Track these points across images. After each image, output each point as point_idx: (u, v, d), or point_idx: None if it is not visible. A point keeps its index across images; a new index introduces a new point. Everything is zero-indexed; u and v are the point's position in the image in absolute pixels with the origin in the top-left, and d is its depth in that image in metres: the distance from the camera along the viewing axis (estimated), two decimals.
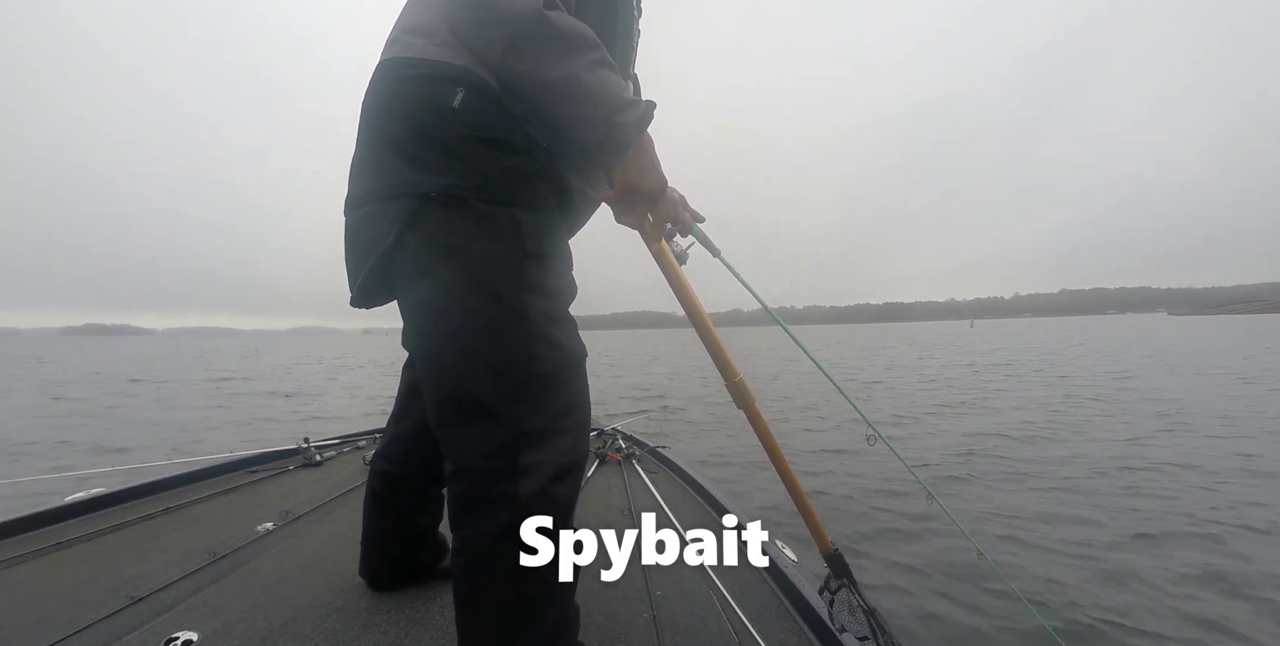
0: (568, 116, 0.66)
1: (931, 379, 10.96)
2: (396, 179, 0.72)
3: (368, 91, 0.78)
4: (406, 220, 0.71)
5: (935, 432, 5.65)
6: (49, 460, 5.08)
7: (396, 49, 0.76)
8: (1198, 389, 8.47)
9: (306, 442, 2.25)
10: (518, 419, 0.72)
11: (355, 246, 0.79)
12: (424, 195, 0.70)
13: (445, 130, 0.70)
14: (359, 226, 0.78)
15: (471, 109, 0.70)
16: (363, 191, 0.77)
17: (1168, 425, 5.73)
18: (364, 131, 0.78)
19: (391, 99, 0.74)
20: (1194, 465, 4.15)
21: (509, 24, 0.66)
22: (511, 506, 0.71)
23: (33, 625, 0.99)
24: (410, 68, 0.73)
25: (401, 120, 0.73)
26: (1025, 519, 3.07)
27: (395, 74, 0.74)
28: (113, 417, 7.84)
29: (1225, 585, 2.30)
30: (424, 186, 0.70)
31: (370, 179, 0.76)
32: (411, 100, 0.72)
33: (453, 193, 0.70)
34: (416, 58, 0.73)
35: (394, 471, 1.07)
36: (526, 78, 0.66)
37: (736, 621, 1.07)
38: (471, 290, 0.72)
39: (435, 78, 0.71)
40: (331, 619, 1.03)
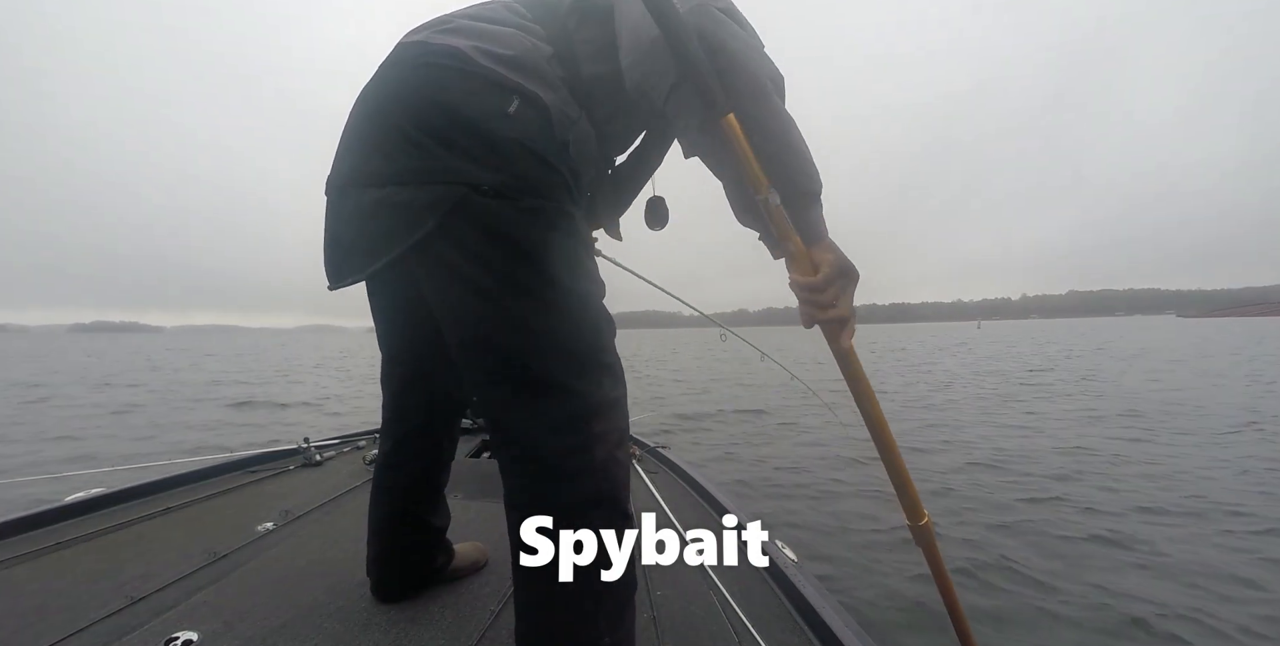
0: (789, 151, 0.69)
1: (980, 396, 8.63)
2: (437, 165, 0.69)
3: (399, 67, 0.74)
4: (450, 207, 0.68)
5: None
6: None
7: (465, 39, 0.72)
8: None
9: (306, 442, 2.25)
10: (588, 392, 0.74)
11: (366, 227, 0.74)
12: (473, 186, 0.68)
13: (497, 130, 0.69)
14: (374, 207, 0.72)
15: (524, 118, 0.70)
16: (379, 171, 0.72)
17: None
18: (385, 108, 0.72)
19: (437, 88, 0.70)
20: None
21: (769, 72, 0.69)
22: (591, 474, 0.73)
23: (33, 625, 0.99)
24: (475, 65, 0.70)
25: (447, 109, 0.69)
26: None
27: (457, 66, 0.70)
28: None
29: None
30: (472, 177, 0.68)
31: (394, 159, 0.71)
32: (466, 94, 0.69)
33: (502, 188, 0.69)
34: (490, 52, 0.71)
35: (403, 479, 1.06)
36: (774, 117, 0.69)
37: (736, 621, 1.07)
38: (532, 273, 0.72)
39: (496, 83, 0.70)
40: (332, 619, 1.03)
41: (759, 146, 0.69)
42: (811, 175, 0.71)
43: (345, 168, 0.77)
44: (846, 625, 1.02)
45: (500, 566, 1.28)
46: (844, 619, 1.04)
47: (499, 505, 1.85)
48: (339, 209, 0.77)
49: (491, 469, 2.14)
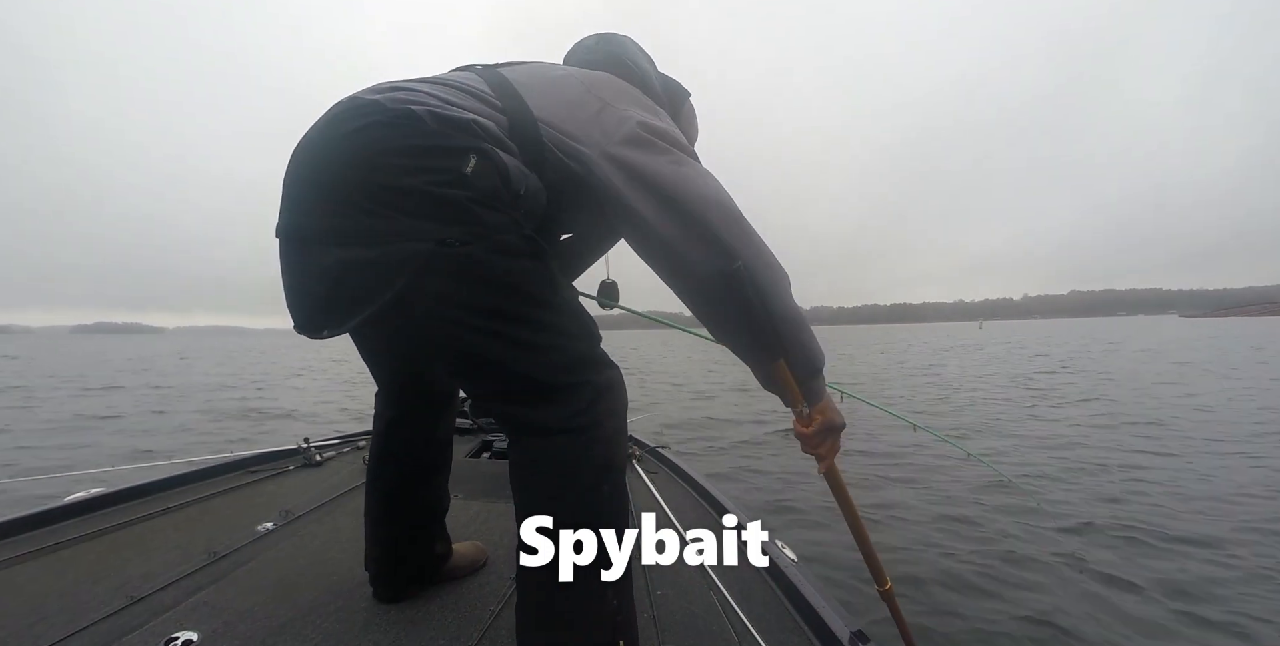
0: (800, 345, 0.83)
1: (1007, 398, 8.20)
2: (398, 226, 0.69)
3: (353, 123, 0.72)
4: (420, 264, 0.69)
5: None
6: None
7: (421, 105, 0.73)
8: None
9: (306, 442, 2.24)
10: (591, 382, 0.79)
11: (336, 286, 0.74)
12: (439, 240, 0.69)
13: (455, 194, 0.70)
14: (342, 267, 0.72)
15: (481, 175, 0.71)
16: (341, 229, 0.72)
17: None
18: (341, 167, 0.71)
19: (395, 152, 0.70)
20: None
21: (782, 270, 0.81)
22: (604, 444, 0.78)
23: (33, 625, 0.99)
24: (430, 129, 0.71)
25: (403, 173, 0.69)
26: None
27: (413, 128, 0.71)
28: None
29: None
30: (436, 234, 0.69)
31: (355, 219, 0.71)
32: (423, 158, 0.70)
33: (467, 236, 0.70)
34: (445, 115, 0.72)
35: (397, 466, 1.07)
36: (772, 289, 0.79)
37: (736, 621, 1.07)
38: (518, 301, 0.76)
39: (452, 145, 0.71)
40: (332, 619, 1.03)
41: (790, 354, 0.84)
42: (817, 356, 0.85)
43: (303, 222, 0.76)
44: (847, 625, 1.02)
45: (500, 566, 1.28)
46: (844, 619, 1.04)
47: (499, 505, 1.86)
48: (302, 263, 0.77)
49: (491, 469, 2.14)
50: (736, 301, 0.78)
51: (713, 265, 0.77)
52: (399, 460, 1.08)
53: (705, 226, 0.76)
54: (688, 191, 0.77)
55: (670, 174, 0.77)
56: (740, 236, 0.77)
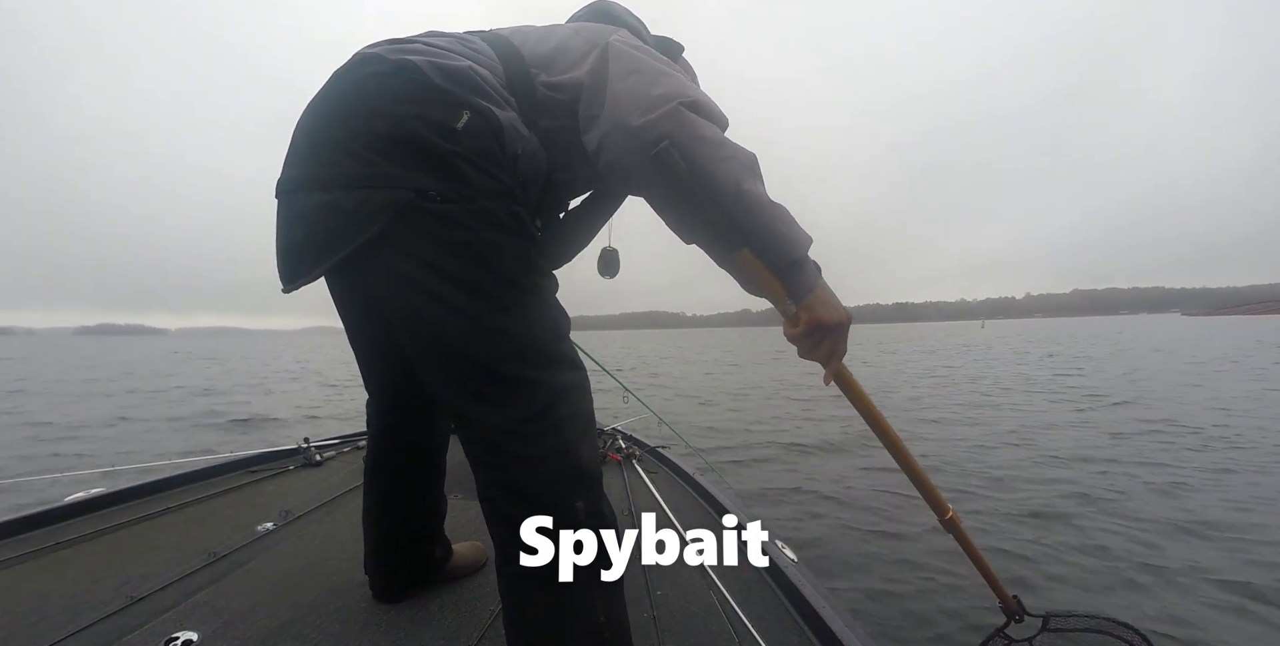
0: (761, 225, 0.73)
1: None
2: (382, 171, 0.69)
3: (351, 76, 0.74)
4: (399, 210, 0.68)
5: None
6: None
7: (420, 56, 0.73)
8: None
9: (306, 442, 2.25)
10: (550, 381, 0.76)
11: (314, 230, 0.73)
12: (420, 191, 0.68)
13: (444, 145, 0.69)
14: (321, 210, 0.71)
15: (474, 132, 0.70)
16: (325, 175, 0.72)
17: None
18: (335, 114, 0.73)
19: (389, 98, 0.71)
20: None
21: (741, 153, 0.73)
22: (562, 455, 0.75)
23: (33, 625, 0.99)
24: (426, 80, 0.71)
25: (396, 121, 0.69)
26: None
27: (410, 78, 0.71)
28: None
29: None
30: (419, 183, 0.68)
31: (340, 165, 0.71)
32: (417, 106, 0.70)
33: (449, 193, 0.69)
34: (443, 64, 0.73)
35: (393, 469, 1.06)
36: (711, 166, 0.71)
37: (736, 621, 1.07)
38: (488, 275, 0.73)
39: (447, 97, 0.71)
40: (331, 619, 1.03)
41: (752, 241, 0.74)
42: (790, 241, 0.74)
43: (295, 172, 0.76)
44: (847, 625, 1.02)
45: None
46: (844, 619, 1.04)
47: None
48: (288, 212, 0.76)
49: None
50: (671, 185, 0.72)
51: (639, 150, 0.71)
52: (395, 463, 1.07)
53: (635, 106, 0.71)
54: (629, 76, 0.74)
55: (625, 66, 0.74)
56: (670, 113, 0.70)
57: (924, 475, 1.00)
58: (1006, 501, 3.50)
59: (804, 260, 0.76)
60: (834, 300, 0.77)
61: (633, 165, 0.73)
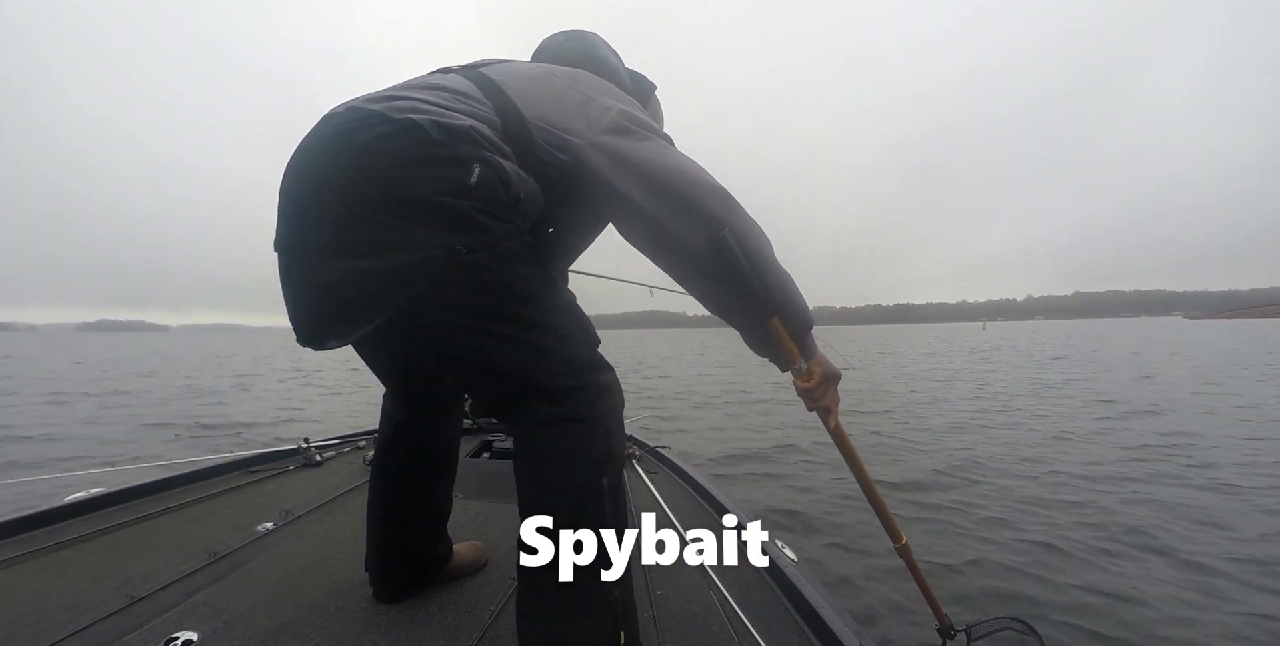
0: (791, 301, 0.87)
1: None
2: (410, 235, 0.72)
3: (357, 136, 0.73)
4: (433, 271, 0.72)
5: None
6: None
7: (422, 114, 0.74)
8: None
9: (306, 442, 2.25)
10: (591, 384, 0.82)
11: (344, 296, 0.76)
12: (450, 247, 0.72)
13: (462, 204, 0.72)
14: (350, 277, 0.74)
15: (485, 185, 0.74)
16: (349, 241, 0.73)
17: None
18: (346, 180, 0.73)
19: (404, 164, 0.72)
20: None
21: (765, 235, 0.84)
22: (603, 437, 0.81)
23: (33, 625, 0.99)
24: (434, 139, 0.73)
25: (413, 186, 0.71)
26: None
27: (419, 139, 0.72)
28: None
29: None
30: (448, 241, 0.72)
31: (363, 231, 0.72)
32: (431, 168, 0.72)
33: (476, 244, 0.73)
34: (447, 124, 0.74)
35: (401, 464, 1.08)
36: (759, 252, 0.83)
37: (736, 621, 1.07)
38: (526, 306, 0.79)
39: (456, 156, 0.73)
40: (332, 619, 1.03)
41: (783, 311, 0.88)
42: (808, 312, 0.89)
43: (310, 236, 0.76)
44: (846, 625, 1.02)
45: (500, 566, 1.28)
46: (844, 619, 1.04)
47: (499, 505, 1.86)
48: (308, 276, 0.78)
49: (491, 468, 2.14)
50: (727, 266, 0.81)
51: (702, 235, 0.81)
52: (404, 462, 1.08)
53: (691, 201, 0.80)
54: (671, 171, 0.80)
55: (653, 157, 0.81)
56: (723, 205, 0.81)
57: (885, 505, 1.15)
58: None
59: (812, 325, 0.90)
60: (827, 362, 0.94)
61: (688, 240, 0.81)
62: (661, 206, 0.80)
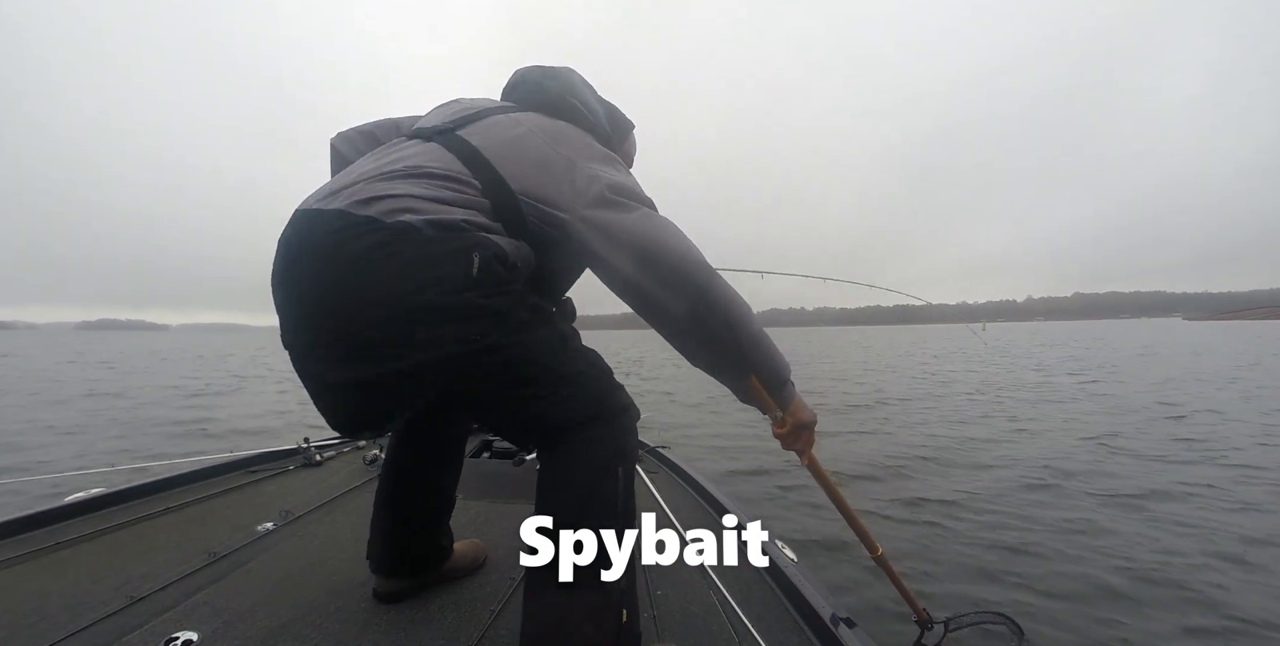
0: (766, 362, 0.92)
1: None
2: (428, 335, 0.74)
3: (357, 247, 0.73)
4: (455, 365, 0.76)
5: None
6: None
7: (415, 214, 0.75)
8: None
9: (306, 443, 2.25)
10: (613, 409, 0.88)
11: (371, 399, 0.78)
12: (465, 339, 0.76)
13: (470, 298, 0.75)
14: (377, 382, 0.76)
15: (487, 270, 0.77)
16: (370, 351, 0.74)
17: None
18: (355, 291, 0.73)
19: (413, 272, 0.73)
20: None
21: (745, 303, 0.88)
22: (617, 442, 0.86)
23: (33, 625, 0.99)
24: (427, 236, 0.75)
25: (420, 292, 0.73)
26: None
27: (417, 242, 0.74)
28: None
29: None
30: (463, 334, 0.75)
31: (382, 343, 0.74)
32: (433, 269, 0.74)
33: (489, 328, 0.77)
34: (439, 221, 0.76)
35: (417, 455, 1.11)
36: (737, 320, 0.87)
37: (736, 621, 1.07)
38: (546, 364, 0.84)
39: (454, 249, 0.76)
40: (331, 619, 1.03)
41: (758, 371, 0.94)
42: (783, 369, 0.94)
43: (314, 344, 0.79)
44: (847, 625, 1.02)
45: (500, 566, 1.28)
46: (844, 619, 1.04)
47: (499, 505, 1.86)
48: (328, 382, 0.79)
49: (491, 468, 2.14)
50: (706, 333, 0.88)
51: (683, 305, 0.85)
52: (418, 448, 1.11)
53: (674, 276, 0.83)
54: (656, 247, 0.83)
55: (640, 231, 0.83)
56: (704, 278, 0.84)
57: (860, 520, 1.25)
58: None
59: (785, 376, 0.96)
60: (806, 408, 1.00)
61: (672, 309, 0.86)
62: (646, 278, 0.83)
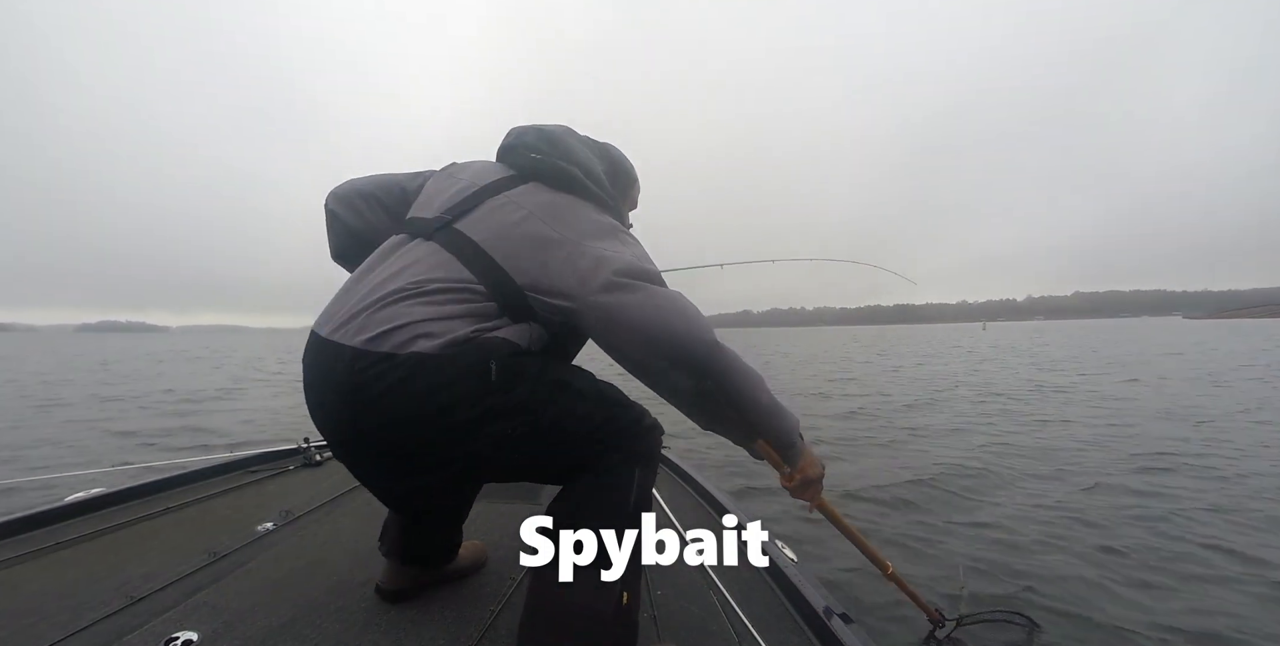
0: (775, 430, 0.95)
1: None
2: (464, 441, 0.79)
3: (381, 385, 0.76)
4: (488, 457, 0.82)
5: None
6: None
7: (428, 340, 0.77)
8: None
9: (306, 442, 2.25)
10: (639, 419, 0.92)
11: (421, 496, 0.93)
12: (497, 436, 0.80)
13: (494, 402, 0.78)
14: (421, 488, 0.89)
15: (507, 371, 0.79)
16: (412, 465, 0.83)
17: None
18: (387, 424, 0.78)
19: (435, 397, 0.76)
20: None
21: (755, 374, 0.90)
22: (637, 453, 0.90)
23: (33, 625, 0.99)
24: (444, 362, 0.76)
25: (448, 410, 0.77)
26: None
27: (435, 369, 0.76)
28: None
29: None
30: (495, 431, 0.79)
31: (422, 456, 0.81)
32: (455, 390, 0.76)
33: (519, 421, 0.80)
34: (451, 340, 0.78)
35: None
36: (741, 396, 0.89)
37: (736, 621, 1.07)
38: (566, 433, 0.85)
39: (471, 365, 0.77)
40: (332, 619, 1.03)
41: (766, 435, 0.97)
42: (790, 432, 0.96)
43: (357, 460, 0.89)
44: (846, 625, 1.02)
45: (500, 566, 1.28)
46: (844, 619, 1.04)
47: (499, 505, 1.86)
48: (373, 484, 0.94)
49: None
50: (712, 407, 0.92)
51: (690, 382, 0.87)
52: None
53: (680, 357, 0.83)
54: (663, 330, 0.82)
55: (646, 315, 0.81)
56: (711, 360, 0.84)
57: (868, 544, 1.30)
58: None
59: (793, 437, 0.97)
60: (814, 461, 1.03)
61: (680, 387, 0.88)
62: (653, 360, 0.83)
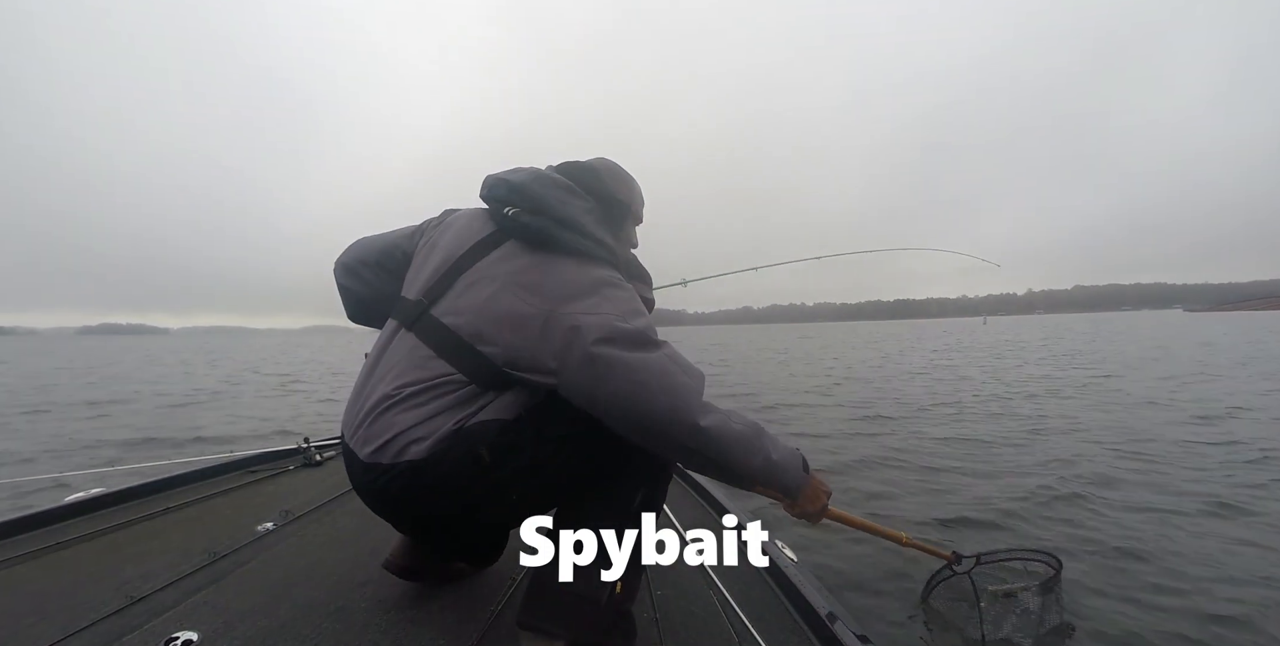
0: (778, 483, 0.91)
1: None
2: (484, 515, 0.89)
3: (386, 495, 0.85)
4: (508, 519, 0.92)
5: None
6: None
7: (420, 443, 0.80)
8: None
9: (306, 443, 2.25)
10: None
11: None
12: (511, 505, 0.87)
13: (489, 480, 0.81)
14: (440, 547, 1.09)
15: (498, 452, 0.81)
16: (429, 540, 1.05)
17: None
18: (400, 522, 0.97)
19: (436, 500, 0.84)
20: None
21: (748, 430, 0.85)
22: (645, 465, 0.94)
23: (33, 625, 0.99)
24: (435, 464, 0.80)
25: (448, 506, 0.85)
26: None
27: (430, 480, 0.80)
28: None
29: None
30: (501, 517, 0.93)
31: (433, 540, 1.04)
32: (452, 488, 0.82)
33: (525, 488, 0.86)
34: (439, 438, 0.80)
35: None
36: (732, 460, 0.83)
37: (736, 621, 1.07)
38: (571, 478, 0.90)
39: (461, 458, 0.80)
40: (331, 619, 1.03)
41: (763, 483, 0.93)
42: (790, 479, 0.91)
43: (406, 529, 1.03)
44: (846, 625, 1.02)
45: (500, 566, 1.28)
46: (844, 619, 1.04)
47: None
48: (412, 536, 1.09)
49: None
50: (701, 466, 0.87)
51: (675, 446, 0.81)
52: None
53: (663, 440, 0.80)
54: (646, 412, 0.77)
55: (628, 393, 0.77)
56: (695, 440, 0.78)
57: (878, 527, 1.30)
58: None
59: (795, 482, 0.92)
60: (817, 491, 0.98)
61: (666, 452, 0.86)
62: (635, 436, 0.81)
